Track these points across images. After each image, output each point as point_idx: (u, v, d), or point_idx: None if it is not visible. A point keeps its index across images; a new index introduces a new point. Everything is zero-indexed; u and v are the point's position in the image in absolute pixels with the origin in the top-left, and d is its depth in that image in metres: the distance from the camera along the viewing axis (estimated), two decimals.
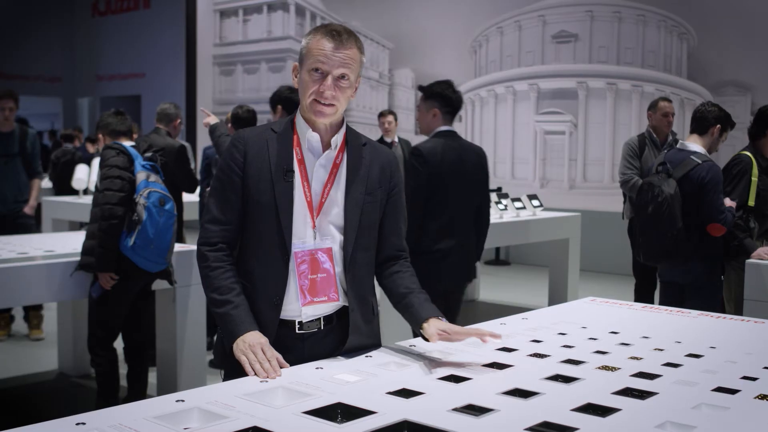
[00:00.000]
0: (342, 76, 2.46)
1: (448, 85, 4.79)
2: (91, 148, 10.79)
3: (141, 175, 4.53)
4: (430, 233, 4.64)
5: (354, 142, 2.63)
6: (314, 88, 2.46)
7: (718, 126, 4.98)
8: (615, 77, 11.42)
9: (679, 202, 4.84)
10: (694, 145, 5.00)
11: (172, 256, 4.74)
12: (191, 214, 7.67)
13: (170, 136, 6.70)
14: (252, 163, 2.52)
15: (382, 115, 8.91)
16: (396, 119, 8.91)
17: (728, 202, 4.96)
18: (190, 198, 7.58)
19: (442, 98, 4.77)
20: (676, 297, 5.04)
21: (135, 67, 18.67)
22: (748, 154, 5.21)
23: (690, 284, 5.00)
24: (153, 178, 4.55)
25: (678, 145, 5.12)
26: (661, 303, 5.15)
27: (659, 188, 4.86)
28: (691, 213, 4.86)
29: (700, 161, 4.88)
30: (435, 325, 2.51)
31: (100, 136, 4.89)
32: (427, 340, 2.54)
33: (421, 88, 4.88)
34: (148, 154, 4.68)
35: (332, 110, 2.49)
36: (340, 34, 2.47)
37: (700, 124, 5.02)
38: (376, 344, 2.68)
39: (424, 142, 4.79)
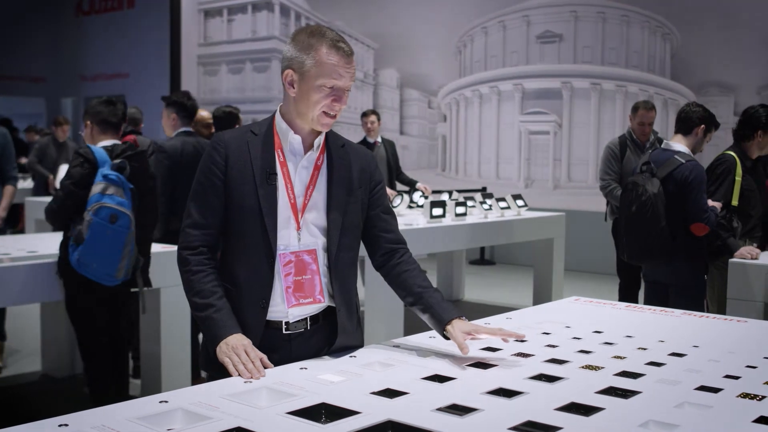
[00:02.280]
0: (348, 87, 2.51)
1: (184, 94, 5.91)
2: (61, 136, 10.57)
3: (96, 188, 4.31)
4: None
5: (334, 143, 2.64)
6: (326, 102, 2.48)
7: (703, 126, 5.00)
8: (599, 77, 11.45)
9: (663, 202, 4.86)
10: (678, 145, 5.02)
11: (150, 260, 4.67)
12: None
13: None
14: (234, 166, 2.52)
15: (364, 115, 8.91)
16: (379, 119, 8.89)
17: (711, 202, 4.98)
18: None
19: (178, 106, 5.77)
20: (661, 296, 5.06)
21: (119, 67, 18.58)
22: (733, 153, 5.24)
23: (674, 284, 5.02)
24: (111, 190, 4.32)
25: (662, 145, 5.15)
26: (646, 302, 5.17)
27: (643, 187, 4.88)
28: (675, 212, 4.89)
29: (683, 161, 4.90)
30: (460, 328, 2.53)
31: (88, 123, 4.63)
32: (446, 338, 2.57)
33: (163, 98, 5.90)
34: (117, 161, 4.44)
35: (335, 119, 2.53)
36: (346, 45, 2.49)
37: (685, 124, 5.04)
38: (360, 344, 2.69)
39: (168, 140, 5.84)
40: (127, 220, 4.34)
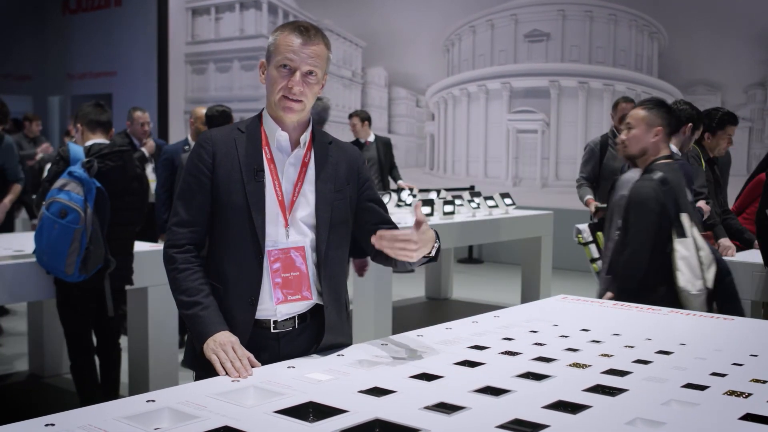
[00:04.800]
0: (309, 72, 2.47)
1: None
2: None
3: (57, 183, 4.41)
4: None
5: (320, 140, 2.63)
6: (282, 83, 2.47)
7: (690, 125, 4.99)
8: (587, 76, 11.47)
9: None
10: None
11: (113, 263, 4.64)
12: None
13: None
14: (221, 163, 2.51)
15: (349, 117, 8.93)
16: (363, 120, 8.85)
17: (702, 204, 4.98)
18: None
19: None
20: None
21: (106, 66, 18.49)
22: (695, 147, 5.35)
23: None
24: (70, 186, 4.38)
25: None
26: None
27: None
28: None
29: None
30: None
31: (79, 125, 4.76)
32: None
33: None
34: (86, 159, 4.49)
35: (300, 106, 2.49)
36: (307, 30, 2.47)
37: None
38: (348, 342, 2.68)
39: None
40: (78, 216, 4.36)
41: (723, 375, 2.35)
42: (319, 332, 2.59)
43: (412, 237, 2.37)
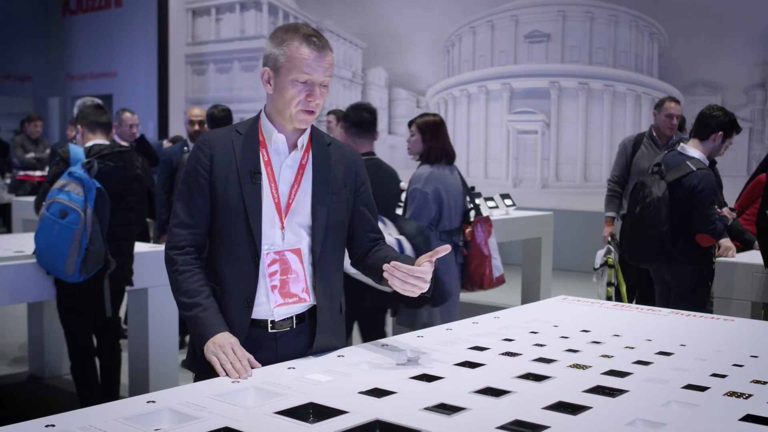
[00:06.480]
0: (323, 83, 2.48)
1: None
2: None
3: (57, 184, 4.42)
4: None
5: (319, 142, 2.63)
6: (300, 97, 2.47)
7: (721, 133, 4.86)
8: (587, 77, 11.47)
9: (667, 206, 4.75)
10: (694, 150, 4.90)
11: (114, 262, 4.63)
12: None
13: None
14: (219, 165, 2.51)
15: (327, 114, 8.83)
16: (339, 119, 8.75)
17: (727, 211, 4.93)
18: None
19: None
20: (669, 295, 5.01)
21: (107, 67, 18.49)
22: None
23: (678, 286, 4.96)
24: (70, 186, 4.38)
25: (678, 148, 5.03)
26: (658, 302, 5.09)
27: (649, 189, 4.81)
28: (680, 218, 4.80)
29: (694, 168, 4.78)
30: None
31: (79, 127, 4.78)
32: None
33: None
34: (86, 160, 4.50)
35: (314, 116, 2.51)
36: (319, 39, 2.48)
37: (702, 128, 4.90)
38: (342, 344, 2.68)
39: None
40: (77, 217, 4.36)
41: (723, 376, 2.35)
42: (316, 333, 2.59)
43: (425, 275, 2.40)
